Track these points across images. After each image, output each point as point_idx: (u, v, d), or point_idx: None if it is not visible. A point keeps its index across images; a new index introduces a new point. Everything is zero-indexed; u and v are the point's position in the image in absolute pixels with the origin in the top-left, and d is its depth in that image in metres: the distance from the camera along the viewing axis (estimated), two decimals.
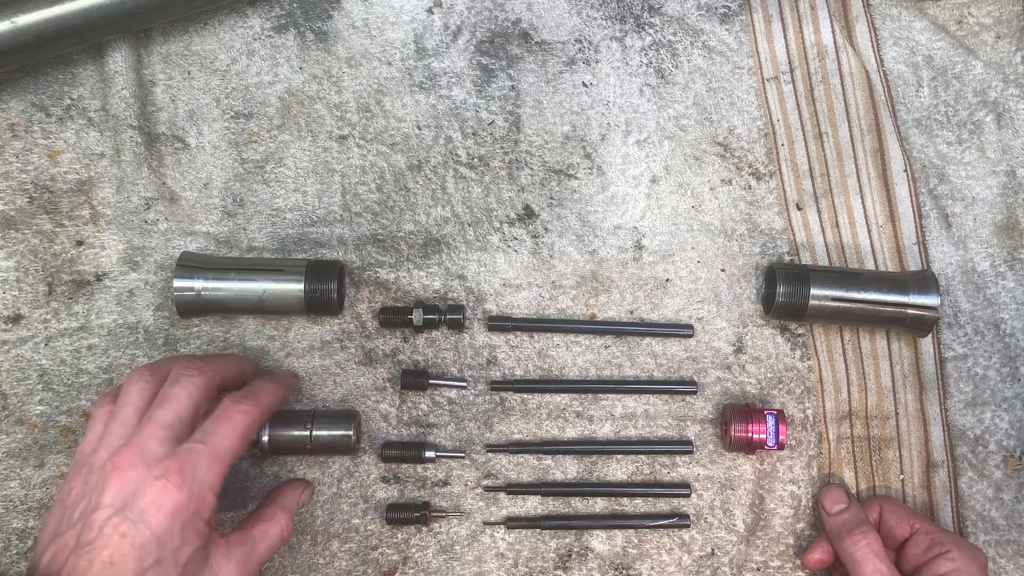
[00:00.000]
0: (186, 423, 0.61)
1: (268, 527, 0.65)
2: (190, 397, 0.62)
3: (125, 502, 0.56)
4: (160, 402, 0.62)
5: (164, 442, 0.59)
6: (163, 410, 0.61)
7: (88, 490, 0.58)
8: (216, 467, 0.59)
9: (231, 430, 0.61)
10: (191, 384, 0.63)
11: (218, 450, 0.60)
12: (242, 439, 0.62)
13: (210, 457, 0.59)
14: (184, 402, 0.62)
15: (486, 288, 0.80)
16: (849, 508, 0.72)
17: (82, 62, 0.81)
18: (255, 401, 0.64)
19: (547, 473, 0.77)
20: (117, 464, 0.58)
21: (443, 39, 0.84)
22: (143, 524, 0.55)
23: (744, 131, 0.84)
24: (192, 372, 0.64)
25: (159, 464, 0.57)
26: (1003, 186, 0.84)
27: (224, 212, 0.80)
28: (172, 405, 0.61)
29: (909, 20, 0.87)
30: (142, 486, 0.57)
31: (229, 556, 0.60)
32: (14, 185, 0.78)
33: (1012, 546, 0.77)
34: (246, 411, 0.63)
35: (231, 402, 0.63)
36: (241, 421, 0.62)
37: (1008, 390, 0.80)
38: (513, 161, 0.82)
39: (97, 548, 0.55)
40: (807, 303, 0.76)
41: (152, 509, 0.56)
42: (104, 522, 0.56)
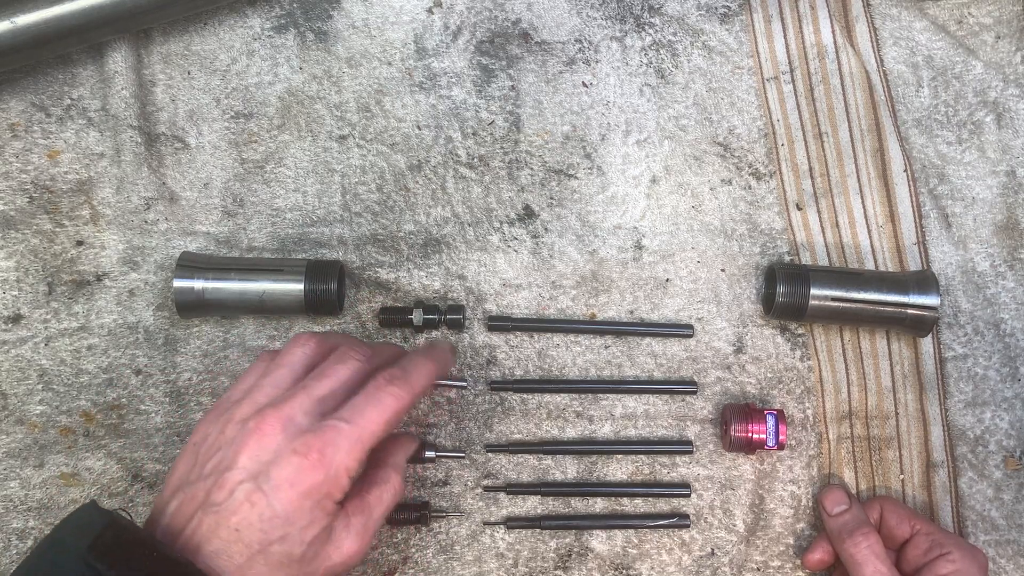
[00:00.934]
0: (338, 401, 0.58)
1: (383, 491, 0.62)
2: (348, 379, 0.60)
3: (260, 469, 0.54)
4: (318, 374, 0.59)
5: (311, 414, 0.56)
6: (320, 383, 0.58)
7: (224, 442, 0.56)
8: (357, 451, 0.56)
9: (379, 414, 0.58)
10: (355, 367, 0.60)
11: (362, 433, 0.57)
12: (388, 426, 0.58)
13: (353, 439, 0.56)
14: (340, 382, 0.59)
15: (486, 288, 0.80)
16: (850, 509, 0.72)
17: (82, 62, 0.81)
18: (408, 384, 0.60)
19: (547, 473, 0.77)
20: (260, 425, 0.55)
21: (443, 39, 0.84)
22: (274, 498, 0.53)
23: (744, 131, 0.84)
24: (360, 356, 0.61)
25: (300, 437, 0.55)
26: (1003, 186, 0.84)
27: (224, 212, 0.80)
28: (330, 381, 0.59)
29: (909, 20, 0.87)
30: (280, 456, 0.54)
31: (348, 527, 0.58)
32: (14, 185, 0.78)
33: (1012, 546, 0.77)
34: (398, 395, 0.59)
35: (384, 381, 0.59)
36: (390, 406, 0.58)
37: (1008, 390, 0.80)
38: (513, 161, 0.82)
39: (226, 512, 0.53)
40: (807, 303, 0.76)
41: (286, 485, 0.54)
42: (236, 485, 0.54)
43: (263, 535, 0.53)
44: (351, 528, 0.58)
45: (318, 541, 0.56)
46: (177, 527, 0.54)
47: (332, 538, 0.57)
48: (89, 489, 0.74)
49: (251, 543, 0.53)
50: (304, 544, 0.55)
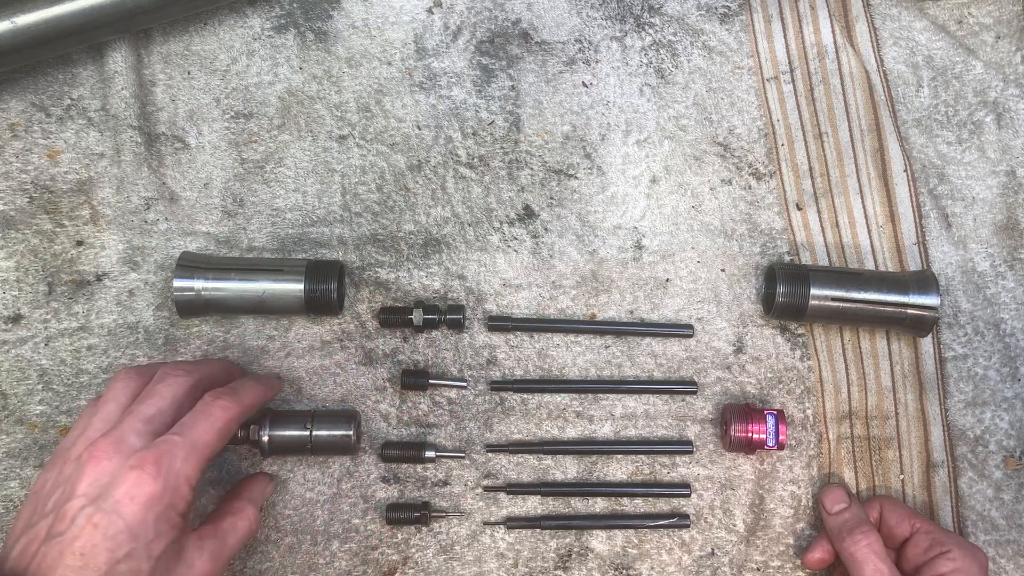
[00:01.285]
0: (167, 419, 0.61)
1: (236, 520, 0.65)
2: (173, 395, 0.62)
3: (100, 492, 0.56)
4: (143, 397, 0.62)
5: (142, 435, 0.59)
6: (145, 405, 0.61)
7: (62, 480, 0.58)
8: (193, 460, 0.59)
9: (210, 425, 0.61)
10: (175, 383, 0.63)
11: (196, 443, 0.59)
12: (220, 435, 0.62)
13: (187, 449, 0.58)
14: (167, 399, 0.62)
15: (486, 288, 0.80)
16: (850, 508, 0.72)
17: (82, 62, 0.81)
18: (235, 398, 0.64)
19: (547, 473, 0.77)
20: (93, 454, 0.57)
21: (443, 39, 0.84)
22: (116, 515, 0.55)
23: (744, 131, 0.84)
24: (178, 372, 0.64)
25: (136, 454, 0.57)
26: (1003, 186, 0.84)
27: (224, 212, 0.80)
28: (154, 401, 0.61)
29: (909, 20, 0.87)
30: (117, 476, 0.56)
31: (201, 549, 0.60)
32: (14, 185, 0.78)
33: (1012, 546, 0.77)
34: (225, 407, 0.62)
35: (211, 398, 0.63)
36: (220, 416, 0.62)
37: (1008, 390, 0.80)
38: (513, 161, 0.82)
39: (68, 539, 0.54)
40: (807, 303, 0.76)
41: (126, 499, 0.55)
42: (77, 512, 0.55)
43: (109, 554, 0.54)
44: (204, 550, 0.60)
45: (166, 557, 0.57)
46: (21, 566, 0.55)
47: (183, 557, 0.59)
48: None
49: (98, 565, 0.54)
50: (152, 559, 0.55)
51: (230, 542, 0.63)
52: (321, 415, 0.73)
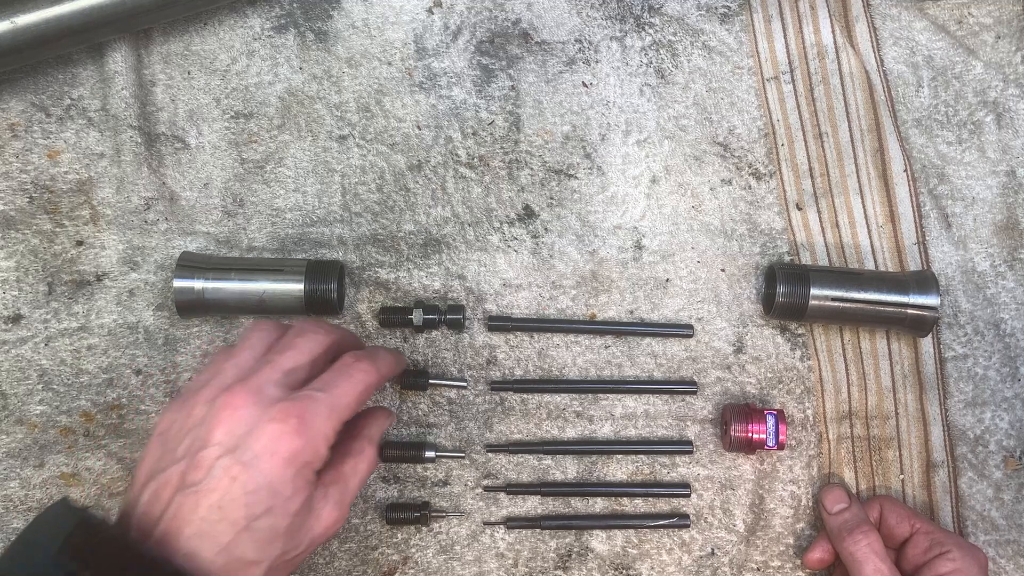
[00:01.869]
0: (303, 374, 0.58)
1: (357, 462, 0.62)
2: (311, 351, 0.60)
3: (237, 443, 0.53)
4: (282, 348, 0.59)
5: (280, 386, 0.56)
6: (284, 356, 0.58)
7: (193, 423, 0.55)
8: (334, 419, 0.56)
9: (351, 386, 0.58)
10: (315, 339, 0.61)
11: (337, 403, 0.57)
12: (359, 398, 0.59)
13: (329, 407, 0.56)
14: (306, 354, 0.59)
15: (486, 288, 0.80)
16: (850, 508, 0.72)
17: (82, 62, 0.81)
18: (375, 364, 0.61)
19: (547, 473, 0.77)
20: (229, 400, 0.54)
21: (443, 39, 0.84)
22: (256, 469, 0.52)
23: (744, 131, 0.84)
24: (318, 329, 0.62)
25: (276, 406, 0.54)
26: (1003, 186, 0.84)
27: (224, 212, 0.80)
28: (293, 354, 0.59)
29: (909, 20, 0.87)
30: (256, 428, 0.53)
31: (327, 497, 0.57)
32: (14, 185, 0.78)
33: (1012, 546, 0.77)
34: (367, 371, 0.60)
35: (352, 359, 0.60)
36: (361, 380, 0.59)
37: (1008, 390, 0.80)
38: (513, 161, 0.82)
39: (205, 490, 0.51)
40: (807, 303, 0.76)
41: (267, 454, 0.52)
42: (213, 462, 0.52)
43: (247, 509, 0.52)
44: (329, 498, 0.57)
45: (302, 513, 0.55)
46: (153, 516, 0.52)
47: (313, 508, 0.56)
48: (89, 489, 0.74)
49: (236, 520, 0.51)
50: (289, 516, 0.54)
51: (352, 486, 0.60)
52: None
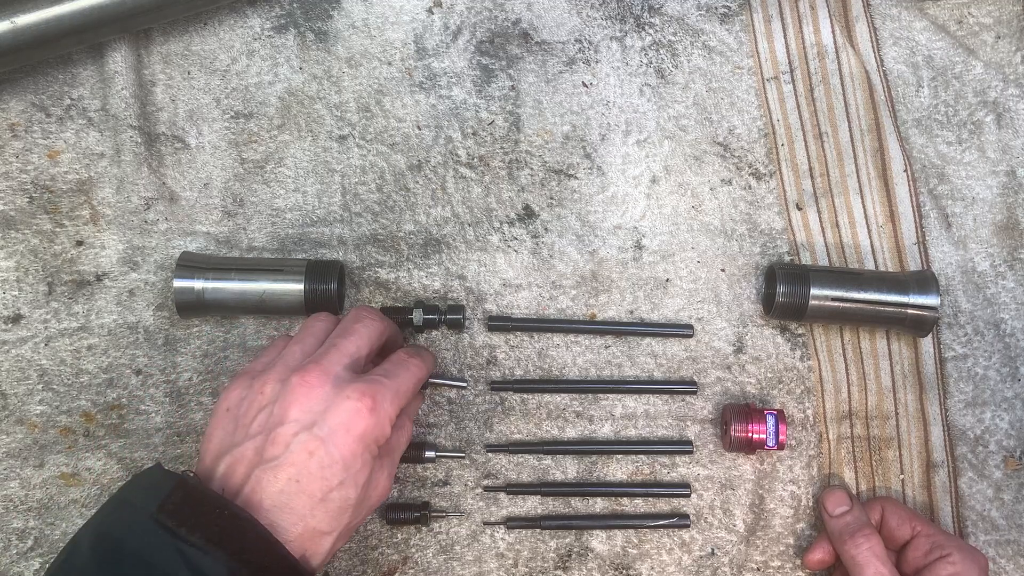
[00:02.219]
0: (362, 359, 0.62)
1: (400, 435, 0.65)
2: (368, 336, 0.63)
3: (314, 420, 0.56)
4: (344, 333, 0.62)
5: (348, 369, 0.59)
6: (348, 340, 0.62)
7: (266, 401, 0.58)
8: (397, 403, 0.60)
9: (409, 377, 0.63)
10: (372, 325, 0.64)
11: (400, 389, 0.61)
12: (415, 388, 0.64)
13: (393, 392, 0.60)
14: (364, 339, 0.63)
15: (486, 288, 0.80)
16: (851, 510, 0.72)
17: (82, 62, 0.81)
18: (425, 361, 0.66)
19: (547, 473, 0.77)
20: (305, 378, 0.57)
21: (443, 39, 0.84)
22: (332, 445, 0.55)
23: (744, 131, 0.84)
24: (372, 316, 0.65)
25: (350, 386, 0.58)
26: (1003, 186, 0.84)
27: (224, 212, 0.80)
28: (355, 338, 0.62)
29: (909, 20, 0.87)
30: (332, 406, 0.56)
31: (382, 468, 0.61)
32: (14, 185, 0.78)
33: (1012, 546, 0.77)
34: (419, 365, 0.65)
35: (406, 355, 0.65)
36: (415, 373, 0.64)
37: (1008, 390, 0.80)
38: (513, 161, 0.82)
39: (284, 464, 0.54)
40: (807, 303, 0.76)
41: (342, 431, 0.56)
42: (291, 438, 0.55)
43: (324, 483, 0.55)
44: (383, 469, 0.62)
45: (367, 485, 0.59)
46: (232, 489, 0.55)
47: (372, 479, 0.60)
48: (89, 489, 0.74)
49: (313, 493, 0.55)
50: (359, 488, 0.57)
51: (397, 457, 0.65)
52: None
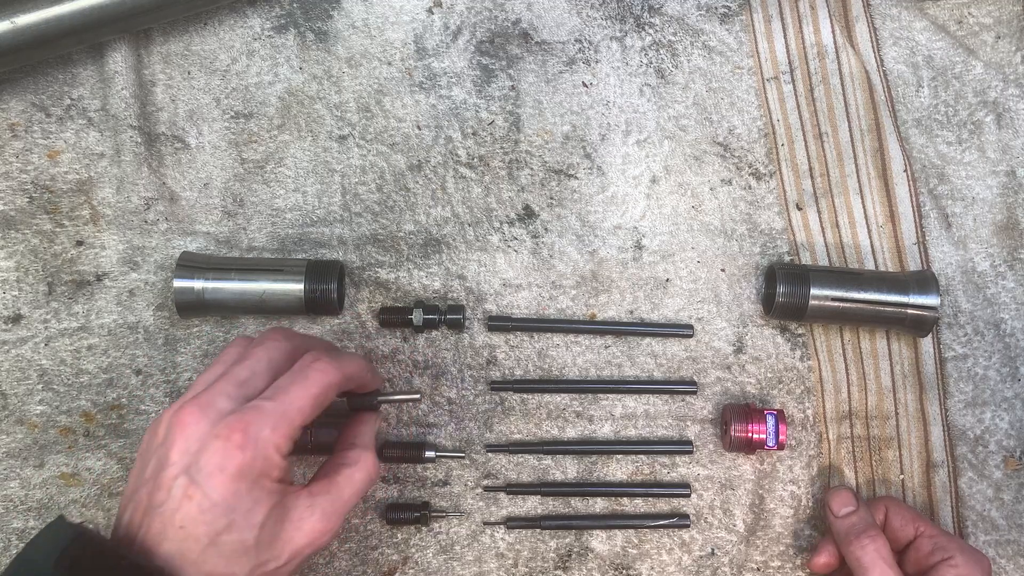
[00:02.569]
0: (260, 382, 0.58)
1: (352, 471, 0.60)
2: (270, 358, 0.59)
3: (190, 461, 0.53)
4: (240, 359, 0.59)
5: (233, 398, 0.56)
6: (239, 367, 0.58)
7: (158, 443, 0.56)
8: (284, 428, 0.55)
9: (304, 390, 0.57)
10: (273, 346, 0.60)
11: (287, 409, 0.56)
12: (315, 401, 0.57)
13: (277, 416, 0.55)
14: (263, 361, 0.58)
15: (486, 288, 0.80)
16: (857, 511, 0.72)
17: (82, 62, 0.81)
18: (336, 363, 0.59)
19: (547, 473, 0.77)
20: (182, 418, 0.55)
21: (443, 39, 0.84)
22: (208, 487, 0.53)
23: (744, 131, 0.84)
24: (278, 336, 0.61)
25: (222, 421, 0.54)
26: (1003, 186, 0.84)
27: (224, 212, 0.80)
28: (249, 363, 0.58)
29: (909, 20, 0.87)
30: (205, 445, 0.54)
31: (312, 507, 0.57)
32: (14, 185, 0.78)
33: (1012, 546, 0.77)
34: (323, 370, 0.58)
35: (310, 359, 0.59)
36: (317, 381, 0.58)
37: (1008, 390, 0.80)
38: (513, 161, 0.82)
39: (168, 511, 0.53)
40: (807, 303, 0.76)
41: (215, 471, 0.53)
42: (172, 482, 0.53)
43: (208, 527, 0.52)
44: (315, 507, 0.57)
45: (270, 524, 0.55)
46: (131, 535, 0.54)
47: (290, 518, 0.56)
48: (89, 489, 0.74)
49: (199, 537, 0.52)
50: (255, 528, 0.54)
51: (345, 496, 0.59)
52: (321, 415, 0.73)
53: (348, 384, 0.62)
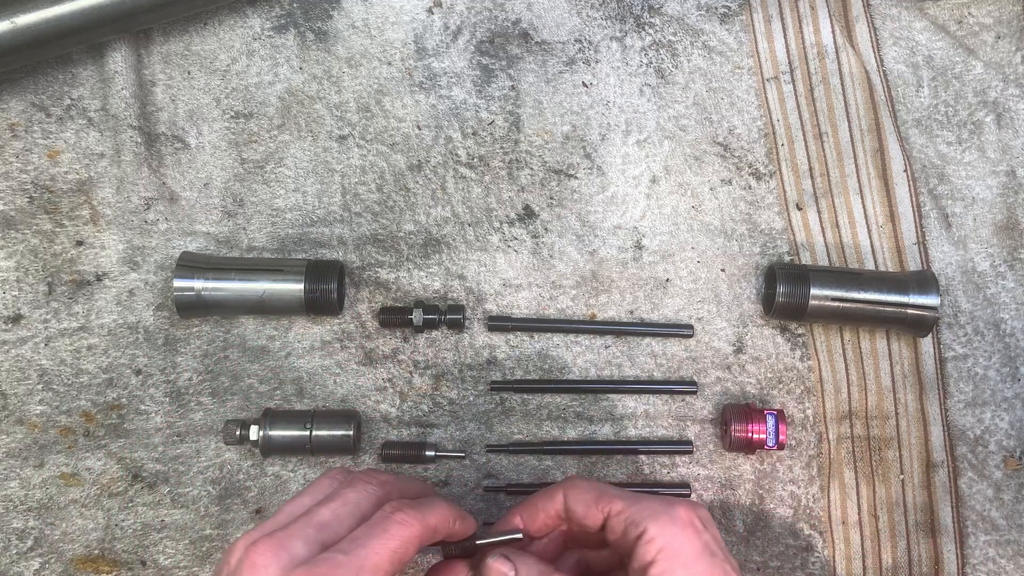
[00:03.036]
0: (343, 527, 0.54)
1: None
2: (357, 502, 0.55)
3: None
4: (326, 500, 0.55)
5: (310, 542, 0.52)
6: (324, 508, 0.54)
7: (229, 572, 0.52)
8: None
9: (383, 543, 0.53)
10: (364, 488, 0.56)
11: (363, 565, 0.51)
12: (395, 556, 0.53)
13: (354, 570, 0.51)
14: (350, 505, 0.55)
15: (486, 288, 0.80)
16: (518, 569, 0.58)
17: (82, 62, 0.81)
18: (419, 513, 0.55)
19: (547, 474, 0.77)
20: (251, 557, 0.51)
21: (443, 39, 0.84)
22: None
23: (744, 131, 0.84)
24: (371, 480, 0.57)
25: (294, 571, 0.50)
26: (1003, 186, 0.84)
27: (224, 212, 0.80)
28: (335, 505, 0.55)
29: (909, 20, 0.87)
30: None
31: None
32: (14, 185, 0.78)
33: (1012, 546, 0.77)
34: (405, 522, 0.54)
35: (391, 510, 0.55)
36: (397, 534, 0.53)
37: (1008, 390, 0.80)
38: (513, 161, 0.82)
39: None
40: (807, 303, 0.76)
41: None
42: None
43: None
44: None
45: None
46: None
47: None
48: (89, 489, 0.74)
49: None
50: None
51: None
52: (321, 415, 0.73)
53: (433, 536, 0.57)
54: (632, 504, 0.58)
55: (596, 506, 0.60)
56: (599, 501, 0.60)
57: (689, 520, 0.57)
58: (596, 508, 0.60)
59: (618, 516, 0.58)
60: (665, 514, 0.57)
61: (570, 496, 0.61)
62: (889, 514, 0.78)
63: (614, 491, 0.61)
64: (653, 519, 0.56)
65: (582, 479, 0.63)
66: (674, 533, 0.56)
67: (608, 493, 0.60)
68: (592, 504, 0.60)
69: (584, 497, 0.60)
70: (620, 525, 0.58)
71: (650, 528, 0.56)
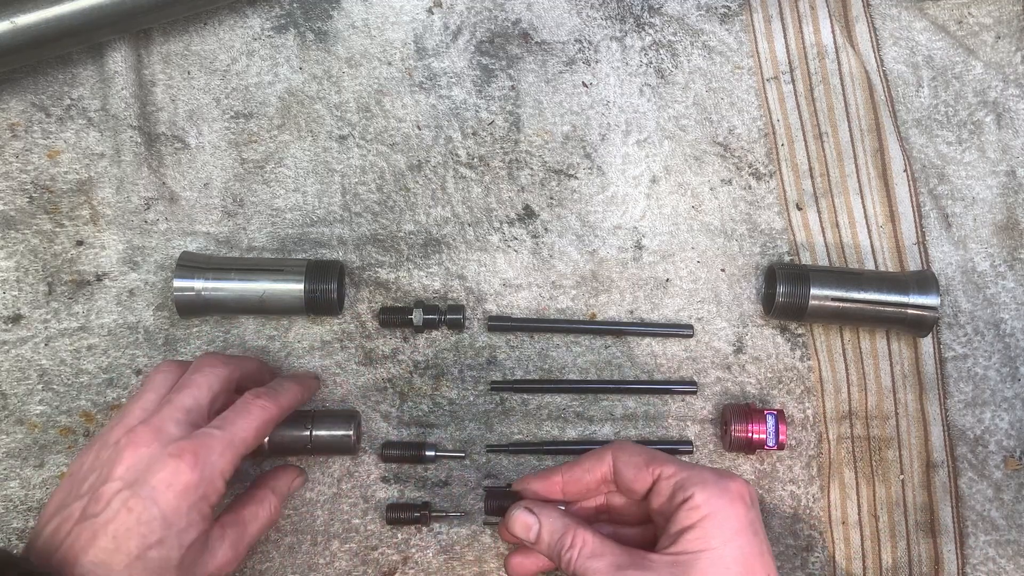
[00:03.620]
0: (203, 410, 0.62)
1: (258, 509, 0.66)
2: (210, 386, 0.63)
3: (136, 477, 0.57)
4: (180, 387, 0.63)
5: (181, 424, 0.60)
6: (183, 394, 0.62)
7: (99, 464, 0.59)
8: (229, 455, 0.60)
9: (248, 422, 0.62)
10: (212, 374, 0.64)
11: (233, 439, 0.60)
12: (258, 433, 0.63)
13: (225, 444, 0.60)
14: (204, 389, 0.63)
15: (486, 288, 0.80)
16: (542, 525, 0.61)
17: (82, 62, 0.81)
18: (275, 398, 0.65)
19: None
20: (132, 439, 0.58)
21: (443, 39, 0.84)
22: (152, 501, 0.56)
23: (744, 131, 0.84)
24: (215, 364, 0.65)
25: (175, 443, 0.58)
26: (1003, 186, 0.84)
27: (224, 212, 0.80)
28: (191, 391, 0.62)
29: (909, 20, 0.87)
30: (155, 463, 0.57)
31: (223, 538, 0.61)
32: (14, 185, 0.78)
33: (1012, 546, 0.77)
34: (264, 406, 0.64)
35: (251, 396, 0.64)
36: (259, 416, 0.63)
37: (1008, 390, 0.80)
38: (513, 161, 0.82)
39: (102, 521, 0.55)
40: (807, 303, 0.76)
41: (163, 487, 0.56)
42: (113, 495, 0.56)
43: (142, 539, 0.55)
44: (225, 539, 0.62)
45: (195, 548, 0.58)
46: (54, 545, 0.55)
47: (208, 547, 0.60)
48: None
49: (129, 550, 0.54)
50: (182, 549, 0.57)
51: (251, 531, 0.64)
52: (321, 415, 0.73)
53: (287, 413, 0.67)
54: (684, 469, 0.60)
55: (647, 468, 0.61)
56: (650, 464, 0.61)
57: (740, 494, 0.58)
58: (647, 471, 0.61)
59: (668, 479, 0.60)
60: (715, 484, 0.58)
61: (620, 458, 0.63)
62: (889, 514, 0.78)
63: (665, 456, 0.62)
64: (703, 487, 0.58)
65: (630, 443, 0.65)
66: (723, 505, 0.57)
67: (659, 457, 0.62)
68: (643, 467, 0.61)
69: (635, 460, 0.62)
70: (668, 488, 0.59)
71: (697, 495, 0.57)
